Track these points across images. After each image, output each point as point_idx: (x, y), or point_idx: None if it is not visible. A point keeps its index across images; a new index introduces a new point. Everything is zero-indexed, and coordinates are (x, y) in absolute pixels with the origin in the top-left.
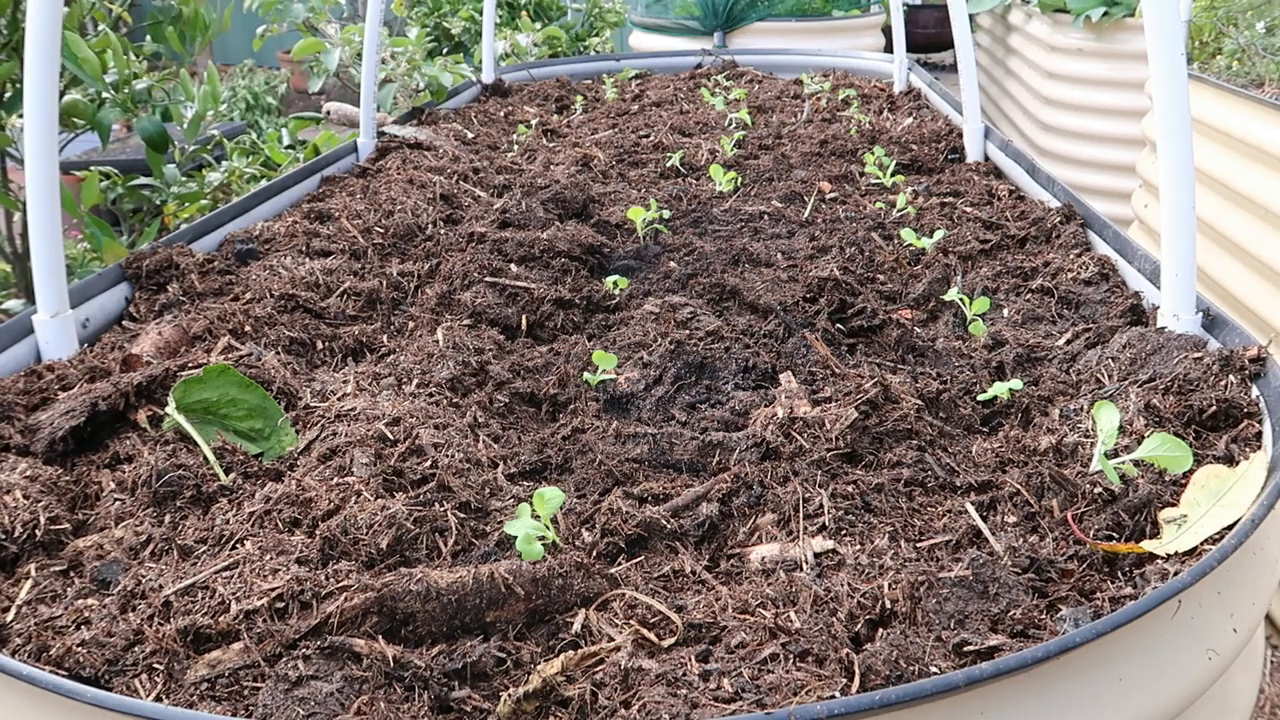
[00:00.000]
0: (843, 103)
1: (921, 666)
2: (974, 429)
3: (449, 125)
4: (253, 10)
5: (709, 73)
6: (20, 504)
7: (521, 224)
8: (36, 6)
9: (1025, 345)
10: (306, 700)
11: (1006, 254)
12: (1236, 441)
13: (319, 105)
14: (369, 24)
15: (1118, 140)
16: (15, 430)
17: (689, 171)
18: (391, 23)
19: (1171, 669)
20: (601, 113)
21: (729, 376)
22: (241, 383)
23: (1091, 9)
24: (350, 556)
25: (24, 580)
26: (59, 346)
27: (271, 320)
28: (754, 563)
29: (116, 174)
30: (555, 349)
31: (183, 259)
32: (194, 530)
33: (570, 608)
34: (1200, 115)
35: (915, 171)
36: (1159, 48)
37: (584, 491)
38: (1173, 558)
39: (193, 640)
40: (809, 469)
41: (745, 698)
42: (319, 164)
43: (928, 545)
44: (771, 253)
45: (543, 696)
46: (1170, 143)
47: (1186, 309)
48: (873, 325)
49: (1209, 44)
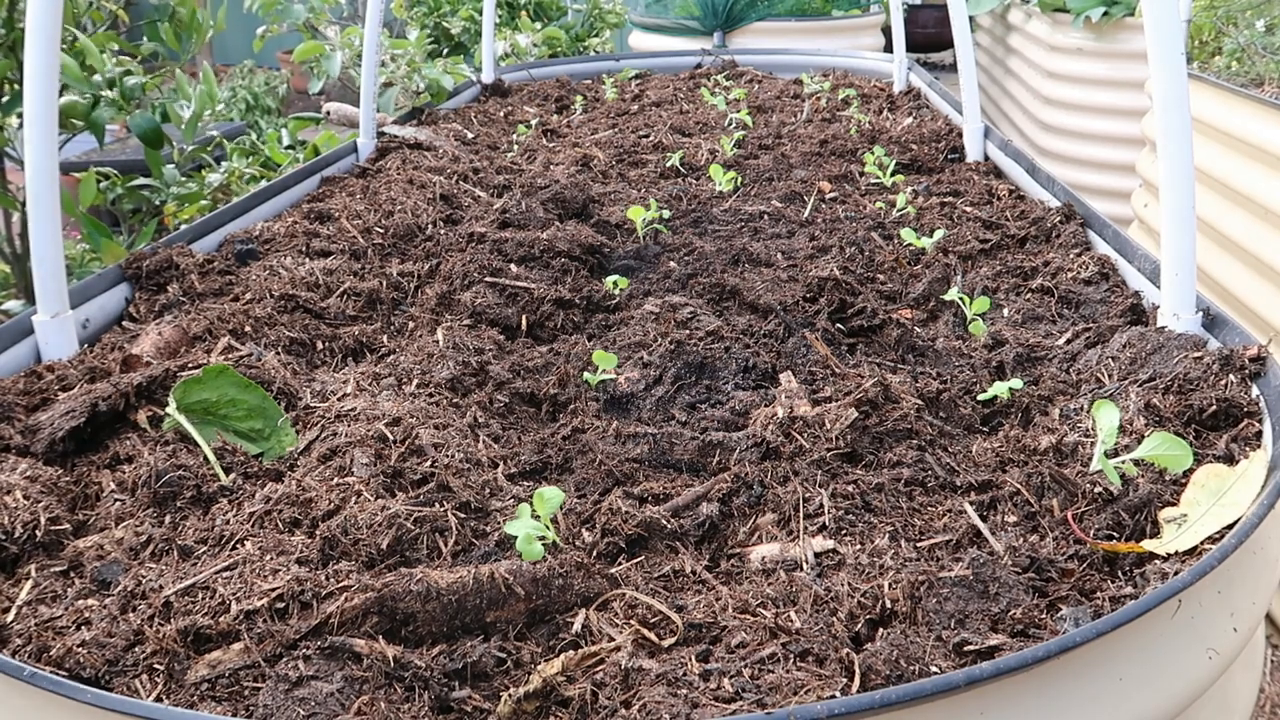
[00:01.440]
0: (842, 102)
1: (922, 666)
2: (974, 429)
3: (449, 125)
4: (253, 11)
5: (709, 73)
6: (20, 504)
7: (521, 224)
8: (36, 6)
9: (1025, 345)
10: (307, 700)
11: (1006, 253)
12: (1236, 441)
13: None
14: (369, 25)
15: (1118, 140)
16: (15, 430)
17: (689, 171)
18: (391, 23)
19: (1172, 668)
20: (601, 113)
21: (729, 376)
22: (241, 383)
23: (1091, 9)
24: (350, 557)
25: (24, 581)
26: (59, 347)
27: (271, 320)
28: (754, 562)
29: (116, 174)
30: (555, 349)
31: (183, 259)
32: (194, 530)
33: (570, 608)
34: (1200, 115)
35: (915, 171)
36: (1159, 47)
37: (584, 491)
38: (1173, 557)
39: (193, 640)
40: (809, 469)
41: (745, 697)
42: (319, 164)
43: (928, 545)
44: (771, 252)
45: (543, 696)
46: (1170, 142)
47: (1186, 308)
48: (873, 325)
49: (1209, 44)
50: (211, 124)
